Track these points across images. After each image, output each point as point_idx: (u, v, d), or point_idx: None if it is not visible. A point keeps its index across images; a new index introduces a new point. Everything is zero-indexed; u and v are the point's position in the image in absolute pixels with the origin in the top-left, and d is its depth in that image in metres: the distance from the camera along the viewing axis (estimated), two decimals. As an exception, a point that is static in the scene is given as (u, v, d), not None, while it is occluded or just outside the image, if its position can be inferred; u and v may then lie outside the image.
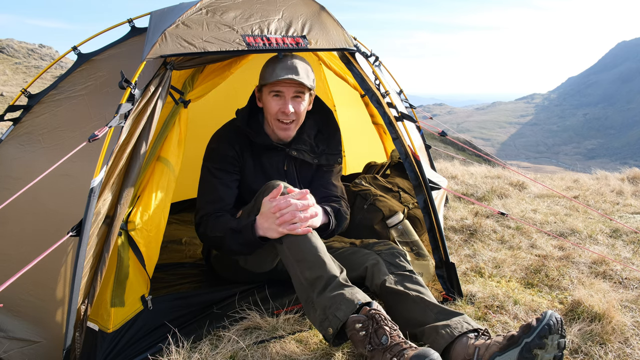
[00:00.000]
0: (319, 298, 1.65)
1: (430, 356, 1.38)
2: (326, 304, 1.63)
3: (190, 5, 1.91)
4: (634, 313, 2.03)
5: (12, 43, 23.46)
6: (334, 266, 1.73)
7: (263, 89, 2.07)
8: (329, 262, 1.72)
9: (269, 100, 2.05)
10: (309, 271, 1.70)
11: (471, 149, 4.67)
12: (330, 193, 2.20)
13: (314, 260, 1.71)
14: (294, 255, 1.75)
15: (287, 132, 2.10)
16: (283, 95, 2.02)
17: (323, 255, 1.73)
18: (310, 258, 1.72)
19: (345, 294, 1.64)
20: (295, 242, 1.76)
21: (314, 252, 1.73)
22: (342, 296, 1.63)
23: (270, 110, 2.05)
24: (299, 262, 1.73)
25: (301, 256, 1.74)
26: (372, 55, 2.79)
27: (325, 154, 2.24)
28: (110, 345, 1.65)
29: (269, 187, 1.89)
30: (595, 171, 5.49)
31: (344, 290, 1.65)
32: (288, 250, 1.77)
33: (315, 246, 1.75)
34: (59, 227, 1.63)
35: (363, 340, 1.53)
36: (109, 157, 1.58)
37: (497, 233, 3.18)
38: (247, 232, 1.84)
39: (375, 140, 3.71)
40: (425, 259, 2.36)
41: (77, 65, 2.24)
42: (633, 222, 3.47)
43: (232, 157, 2.10)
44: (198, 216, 2.03)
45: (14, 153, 2.11)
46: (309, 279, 1.70)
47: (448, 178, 5.00)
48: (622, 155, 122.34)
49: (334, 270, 1.70)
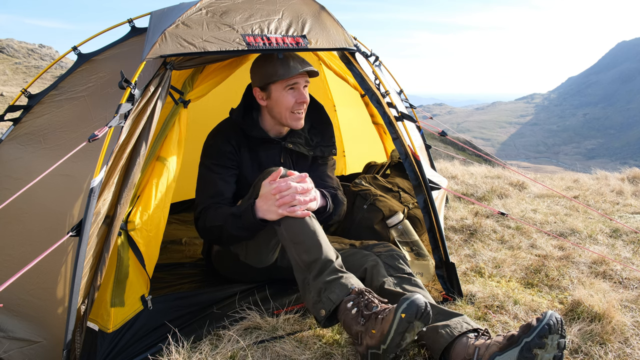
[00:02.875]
0: (315, 281, 1.69)
1: (412, 297, 1.46)
2: (321, 287, 1.68)
3: (190, 5, 1.91)
4: (634, 313, 2.03)
5: (12, 43, 23.46)
6: (331, 251, 1.76)
7: (272, 87, 2.06)
8: (325, 246, 1.75)
9: (283, 95, 2.06)
10: (306, 254, 1.73)
11: (471, 149, 4.67)
12: (326, 184, 2.24)
13: (312, 244, 1.74)
14: (292, 237, 1.78)
15: (300, 121, 2.14)
16: (298, 87, 2.07)
17: (320, 238, 1.76)
18: (307, 241, 1.75)
19: (340, 278, 1.69)
20: (293, 225, 1.79)
21: (311, 236, 1.76)
22: (336, 281, 1.68)
23: (287, 105, 2.07)
24: (296, 244, 1.76)
25: (299, 239, 1.77)
26: (372, 55, 2.79)
27: (320, 145, 2.30)
28: (110, 345, 1.65)
29: (268, 172, 1.91)
30: (595, 171, 5.49)
31: (338, 275, 1.70)
32: (286, 232, 1.80)
33: (313, 229, 1.78)
34: (59, 227, 1.63)
35: (356, 317, 1.58)
36: (109, 157, 1.58)
37: (497, 233, 3.18)
38: (247, 215, 1.86)
39: (375, 140, 3.71)
40: (425, 259, 2.36)
41: (77, 66, 2.24)
42: (633, 222, 3.47)
43: (229, 152, 2.11)
44: (197, 210, 2.04)
45: (14, 153, 2.11)
46: (306, 262, 1.73)
47: (448, 178, 5.00)
48: (622, 155, 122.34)
49: (331, 255, 1.74)
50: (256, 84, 2.11)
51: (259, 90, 2.11)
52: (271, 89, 2.07)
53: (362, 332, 1.56)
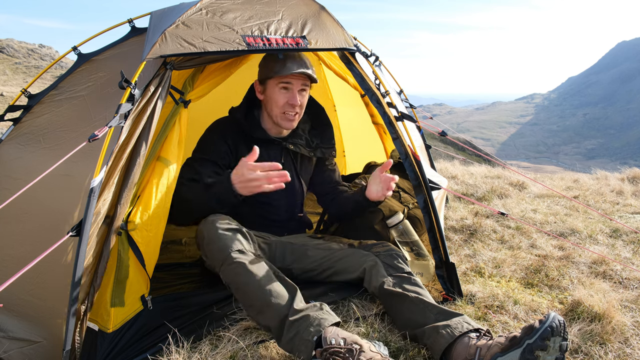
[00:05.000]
0: (282, 344, 1.59)
1: None
2: (288, 348, 1.57)
3: (190, 6, 1.92)
4: (634, 313, 2.03)
5: (12, 43, 23.46)
6: (283, 299, 1.63)
7: (268, 82, 2.10)
8: (275, 299, 1.62)
9: (276, 92, 2.08)
10: (261, 316, 1.64)
11: (471, 149, 4.67)
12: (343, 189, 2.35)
13: (262, 304, 1.63)
14: (242, 301, 1.71)
15: (291, 122, 2.13)
16: (291, 87, 2.07)
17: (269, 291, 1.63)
18: (256, 302, 1.64)
19: (300, 332, 1.54)
20: (239, 288, 1.69)
21: (259, 294, 1.63)
22: (298, 338, 1.53)
23: (278, 103, 2.08)
24: (248, 308, 1.69)
25: (248, 302, 1.68)
26: (372, 55, 2.79)
27: (320, 147, 2.33)
28: (110, 345, 1.65)
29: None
30: (595, 171, 5.49)
31: (298, 329, 1.55)
32: (236, 294, 1.72)
33: (258, 284, 1.65)
34: (59, 227, 1.63)
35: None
36: (109, 157, 1.58)
37: (497, 233, 3.18)
38: (223, 183, 1.82)
39: (375, 140, 3.71)
40: (425, 259, 2.36)
41: (77, 66, 2.24)
42: (633, 222, 3.47)
43: (223, 152, 2.10)
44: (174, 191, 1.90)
45: (14, 153, 2.11)
46: (264, 326, 1.64)
47: (448, 178, 5.00)
48: (622, 155, 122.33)
49: (282, 307, 1.61)
50: (258, 77, 2.16)
51: (258, 83, 2.17)
52: (267, 84, 2.11)
53: None
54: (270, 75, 2.06)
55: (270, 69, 2.06)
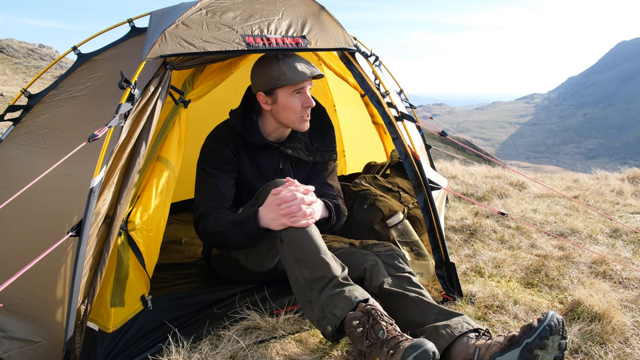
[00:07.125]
0: (318, 297, 1.66)
1: (424, 346, 1.40)
2: (324, 302, 1.64)
3: (190, 5, 1.91)
4: (634, 313, 2.03)
5: (12, 43, 23.45)
6: (335, 266, 1.72)
7: (278, 91, 2.00)
8: (329, 263, 1.71)
9: (290, 100, 2.01)
10: (308, 271, 1.70)
11: (471, 149, 4.67)
12: (327, 192, 2.20)
13: (315, 261, 1.71)
14: (294, 254, 1.75)
15: (307, 123, 2.11)
16: (304, 90, 2.04)
17: (324, 255, 1.72)
18: (310, 259, 1.71)
19: (344, 292, 1.64)
20: (297, 241, 1.75)
21: (314, 253, 1.72)
22: (340, 294, 1.63)
23: (295, 109, 2.03)
24: (298, 261, 1.73)
25: (301, 256, 1.73)
26: (372, 55, 2.78)
27: (320, 150, 2.26)
28: (110, 345, 1.65)
29: (274, 184, 1.90)
30: (595, 171, 5.49)
31: (342, 288, 1.65)
32: (288, 249, 1.76)
33: (316, 246, 1.74)
34: (59, 227, 1.63)
35: (361, 336, 1.54)
36: (109, 157, 1.58)
37: (497, 233, 3.18)
38: (250, 223, 1.84)
39: (375, 140, 3.71)
40: (425, 259, 2.36)
41: (77, 66, 2.23)
42: (633, 222, 3.47)
43: (228, 157, 2.08)
44: (197, 214, 2.01)
45: (14, 153, 2.11)
46: (308, 279, 1.70)
47: (448, 178, 5.00)
48: (622, 155, 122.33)
49: (335, 271, 1.70)
50: (260, 88, 2.03)
51: (263, 94, 2.03)
52: (277, 93, 2.00)
53: (367, 354, 1.53)
54: (280, 84, 1.97)
55: (279, 77, 1.96)
